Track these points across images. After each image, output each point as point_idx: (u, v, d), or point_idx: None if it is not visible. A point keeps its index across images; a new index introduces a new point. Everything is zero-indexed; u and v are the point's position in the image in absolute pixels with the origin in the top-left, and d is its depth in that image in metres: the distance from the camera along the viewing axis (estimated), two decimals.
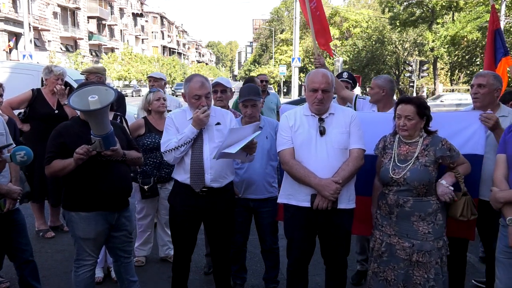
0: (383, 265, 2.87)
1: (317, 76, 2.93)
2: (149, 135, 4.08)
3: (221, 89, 3.70)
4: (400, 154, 2.86)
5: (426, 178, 2.75)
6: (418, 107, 2.77)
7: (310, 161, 2.89)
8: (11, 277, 3.77)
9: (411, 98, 2.83)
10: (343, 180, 2.82)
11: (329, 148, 2.88)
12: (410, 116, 2.77)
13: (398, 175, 2.79)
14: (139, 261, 4.24)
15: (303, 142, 2.93)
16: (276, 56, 52.69)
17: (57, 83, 4.81)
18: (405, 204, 2.79)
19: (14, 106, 4.73)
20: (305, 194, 2.91)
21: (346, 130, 2.93)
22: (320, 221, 2.94)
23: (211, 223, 3.16)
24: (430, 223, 2.77)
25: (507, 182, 2.63)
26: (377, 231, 2.94)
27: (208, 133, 3.04)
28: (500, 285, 2.67)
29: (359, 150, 2.92)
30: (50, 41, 39.68)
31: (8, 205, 3.03)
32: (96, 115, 2.71)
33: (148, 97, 4.19)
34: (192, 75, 3.14)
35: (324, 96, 2.88)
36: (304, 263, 3.12)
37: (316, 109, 2.94)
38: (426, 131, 2.87)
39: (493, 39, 4.10)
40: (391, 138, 2.97)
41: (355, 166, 2.88)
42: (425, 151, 2.80)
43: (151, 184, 4.03)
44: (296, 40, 24.27)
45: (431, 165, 2.78)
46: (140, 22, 72.38)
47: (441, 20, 29.97)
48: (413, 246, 2.76)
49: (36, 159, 4.69)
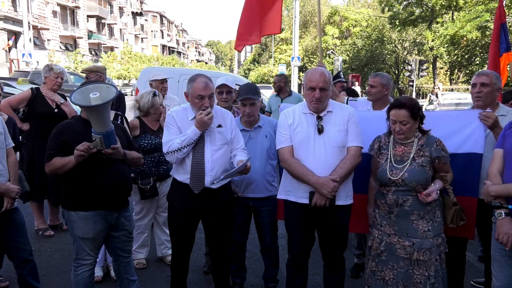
0: (382, 264, 2.88)
1: (315, 74, 2.94)
2: (145, 136, 4.04)
3: (227, 90, 3.70)
4: (396, 155, 2.87)
5: (423, 178, 2.77)
6: (411, 111, 2.77)
7: (308, 159, 2.92)
8: (10, 276, 3.77)
9: (403, 102, 2.80)
10: (341, 178, 2.85)
11: (327, 146, 2.91)
12: (404, 121, 2.77)
13: (396, 176, 2.80)
14: (140, 263, 4.21)
15: (301, 140, 2.96)
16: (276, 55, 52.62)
17: (57, 81, 4.81)
18: (405, 203, 2.80)
19: (13, 105, 4.71)
20: (303, 191, 2.94)
21: (344, 128, 2.95)
22: (319, 217, 2.98)
23: (209, 222, 3.15)
24: (429, 220, 2.79)
25: (501, 177, 2.65)
26: (376, 230, 2.95)
27: (210, 136, 3.04)
28: (496, 283, 2.68)
29: (357, 147, 2.95)
30: (50, 40, 39.64)
31: (6, 205, 3.02)
32: (97, 112, 2.73)
33: (155, 100, 4.07)
34: (196, 74, 3.08)
35: (322, 95, 2.91)
36: (304, 257, 3.16)
37: (314, 107, 2.96)
38: (420, 131, 2.88)
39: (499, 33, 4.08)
40: (386, 138, 2.97)
41: (352, 164, 2.91)
42: (420, 151, 2.82)
43: (151, 184, 4.03)
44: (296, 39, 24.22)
45: (428, 164, 2.80)
46: (140, 21, 72.33)
47: (441, 20, 29.97)
48: (413, 245, 2.77)
49: (36, 158, 4.74)
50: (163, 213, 4.15)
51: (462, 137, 3.09)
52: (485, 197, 2.68)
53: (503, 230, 2.54)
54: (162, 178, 4.12)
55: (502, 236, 2.55)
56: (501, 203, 2.52)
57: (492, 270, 2.72)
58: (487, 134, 3.09)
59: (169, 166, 3.87)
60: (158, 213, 4.31)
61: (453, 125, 3.15)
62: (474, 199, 3.03)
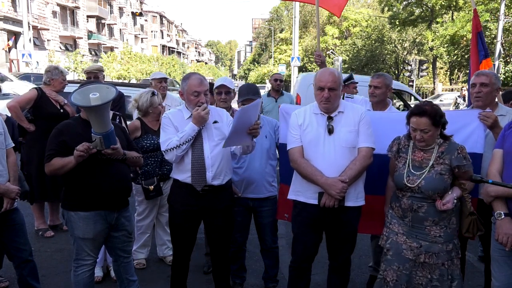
0: (386, 264, 2.82)
1: (324, 75, 2.93)
2: (146, 136, 4.06)
3: (225, 91, 3.70)
4: (414, 160, 2.78)
5: (441, 186, 2.68)
6: (433, 119, 2.64)
7: (318, 160, 2.90)
8: (10, 276, 3.77)
9: (424, 109, 2.66)
10: (350, 179, 2.82)
11: (337, 147, 2.88)
12: (426, 129, 2.65)
13: (413, 183, 2.71)
14: (140, 264, 4.22)
15: (311, 140, 2.94)
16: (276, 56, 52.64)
17: (64, 83, 4.87)
18: (419, 210, 2.72)
19: (22, 106, 4.67)
20: (313, 191, 2.92)
21: (355, 128, 2.92)
22: (327, 218, 2.95)
23: (211, 222, 3.15)
24: (443, 227, 2.71)
25: (501, 177, 2.64)
26: (385, 228, 2.90)
27: (207, 132, 3.05)
28: (496, 283, 2.68)
29: (368, 148, 2.91)
30: (50, 40, 39.61)
31: (6, 205, 3.02)
32: (97, 112, 2.73)
33: (154, 99, 4.08)
34: (190, 73, 3.15)
35: (331, 95, 2.88)
36: (307, 261, 3.13)
37: (323, 108, 2.94)
38: (442, 136, 2.78)
39: (476, 42, 4.22)
40: (406, 141, 2.87)
41: (362, 165, 2.88)
42: (440, 159, 2.71)
43: (156, 183, 4.03)
44: (296, 39, 24.25)
45: (447, 173, 2.69)
46: (140, 21, 72.28)
47: (441, 20, 29.97)
48: (420, 247, 2.71)
49: (39, 158, 4.72)
50: (166, 213, 4.14)
51: (462, 137, 3.08)
52: (484, 197, 2.68)
53: (503, 230, 2.55)
54: (166, 178, 4.12)
55: (502, 237, 2.55)
56: (481, 177, 2.36)
57: (492, 270, 2.72)
58: (487, 134, 3.09)
59: (171, 166, 3.88)
60: (161, 213, 4.32)
61: (453, 125, 3.13)
62: (474, 199, 3.02)
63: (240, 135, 2.87)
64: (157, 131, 4.12)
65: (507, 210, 2.57)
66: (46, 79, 4.85)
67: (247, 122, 2.83)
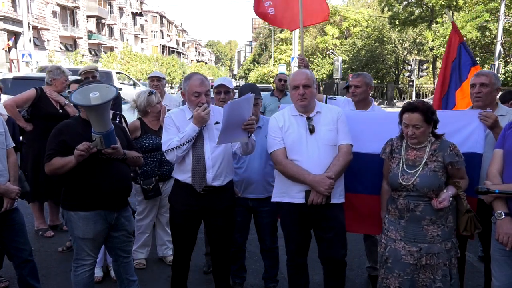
0: (387, 272, 2.83)
1: (297, 74, 3.07)
2: (146, 136, 4.06)
3: (225, 90, 3.71)
4: (408, 159, 2.82)
5: (435, 183, 2.71)
6: (425, 115, 2.71)
7: (302, 159, 2.95)
8: (10, 276, 3.77)
9: (416, 105, 2.74)
10: (336, 174, 2.90)
11: (320, 145, 2.96)
12: (418, 125, 2.71)
13: (408, 181, 2.74)
14: (140, 264, 4.22)
15: (294, 141, 3.00)
16: (276, 56, 52.67)
17: (66, 84, 4.86)
18: (416, 209, 2.74)
19: (19, 105, 4.67)
20: (298, 190, 2.97)
21: (334, 127, 3.01)
22: (314, 216, 2.99)
23: (211, 222, 3.16)
24: (441, 225, 2.73)
25: (501, 177, 2.65)
26: (383, 236, 2.93)
27: (208, 132, 3.05)
28: (496, 283, 2.68)
29: (348, 145, 3.02)
30: (50, 40, 39.62)
31: (6, 205, 3.02)
32: (97, 111, 2.73)
33: (151, 98, 4.09)
34: (191, 73, 3.15)
35: (306, 91, 2.97)
36: (302, 256, 3.17)
37: (300, 106, 3.01)
38: (433, 135, 2.82)
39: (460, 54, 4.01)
40: (398, 142, 2.92)
41: (345, 161, 2.97)
42: (433, 156, 2.76)
43: (154, 183, 4.03)
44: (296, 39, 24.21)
45: (440, 170, 2.74)
46: (140, 21, 72.31)
47: (441, 20, 29.97)
48: (420, 250, 2.72)
49: (38, 158, 4.73)
50: (166, 213, 4.15)
51: (462, 137, 3.08)
52: (485, 198, 2.68)
53: (503, 230, 2.55)
54: (165, 178, 4.12)
55: (502, 237, 2.55)
56: (488, 188, 2.48)
57: (492, 270, 2.72)
58: (487, 134, 3.09)
59: (171, 166, 3.87)
60: (161, 214, 4.32)
61: (453, 125, 3.14)
62: (474, 199, 3.02)
63: (234, 131, 2.83)
64: (157, 131, 4.12)
65: (507, 209, 2.57)
66: (48, 79, 4.84)
67: (239, 117, 2.80)
